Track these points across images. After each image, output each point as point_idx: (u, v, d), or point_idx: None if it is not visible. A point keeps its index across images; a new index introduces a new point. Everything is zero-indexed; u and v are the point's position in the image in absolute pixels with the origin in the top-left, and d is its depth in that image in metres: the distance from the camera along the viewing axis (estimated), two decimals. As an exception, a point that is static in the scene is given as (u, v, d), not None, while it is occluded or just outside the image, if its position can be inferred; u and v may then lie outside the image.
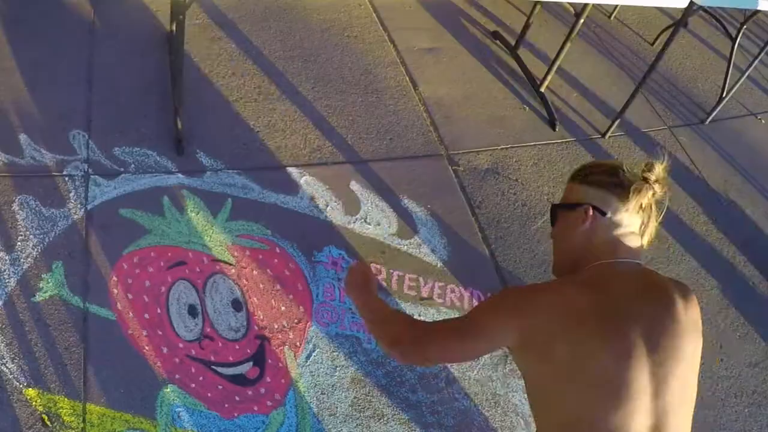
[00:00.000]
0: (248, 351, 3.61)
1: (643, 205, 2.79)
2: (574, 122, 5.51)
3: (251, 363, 3.58)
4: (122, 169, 4.09)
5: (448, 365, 3.83)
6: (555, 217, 3.06)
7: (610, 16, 6.78)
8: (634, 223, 2.82)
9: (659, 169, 2.76)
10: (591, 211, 2.80)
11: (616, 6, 6.71)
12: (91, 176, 4.00)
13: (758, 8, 5.14)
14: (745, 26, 5.85)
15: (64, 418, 3.17)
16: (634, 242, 2.81)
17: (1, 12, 4.72)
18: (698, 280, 4.65)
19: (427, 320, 3.52)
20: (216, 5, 5.31)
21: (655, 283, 2.73)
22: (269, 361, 3.61)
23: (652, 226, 2.86)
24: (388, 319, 3.09)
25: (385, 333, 3.02)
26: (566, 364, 2.49)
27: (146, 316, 3.57)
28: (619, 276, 2.72)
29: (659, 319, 2.58)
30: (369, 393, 3.65)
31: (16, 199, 3.80)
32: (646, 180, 2.75)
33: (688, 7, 4.65)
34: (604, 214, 2.79)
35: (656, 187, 2.76)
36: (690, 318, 2.62)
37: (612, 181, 2.82)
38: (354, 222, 4.26)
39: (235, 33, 5.15)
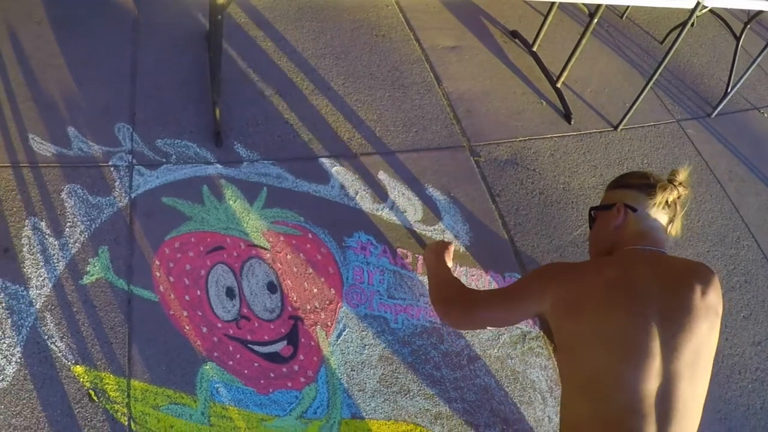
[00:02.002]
0: (282, 330, 3.59)
1: (669, 202, 2.99)
2: (589, 116, 5.46)
3: (285, 342, 3.56)
4: (164, 160, 4.08)
5: (471, 345, 3.80)
6: (593, 218, 3.31)
7: (621, 16, 6.73)
8: (661, 218, 3.03)
9: (683, 174, 3.00)
10: (623, 208, 3.05)
11: (628, 6, 6.68)
12: (135, 166, 3.99)
13: (761, 9, 5.11)
14: (749, 25, 5.81)
15: (110, 393, 3.16)
16: (661, 235, 3.00)
17: (51, 12, 4.72)
18: (705, 264, 4.58)
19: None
20: (253, 5, 5.30)
21: (677, 269, 2.84)
22: (302, 340, 3.59)
23: (678, 222, 3.07)
24: (447, 283, 3.42)
25: (439, 293, 3.39)
26: (589, 325, 2.68)
27: (187, 297, 3.56)
28: (645, 260, 2.87)
29: (675, 300, 2.68)
30: (396, 370, 3.63)
31: (65, 188, 3.79)
32: (671, 182, 2.98)
33: (695, 7, 4.62)
34: (635, 210, 3.03)
35: (680, 188, 3.00)
36: (706, 302, 2.71)
37: (642, 182, 3.07)
38: (382, 209, 4.24)
39: (270, 31, 5.13)
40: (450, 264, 3.81)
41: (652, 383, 2.56)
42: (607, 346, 2.64)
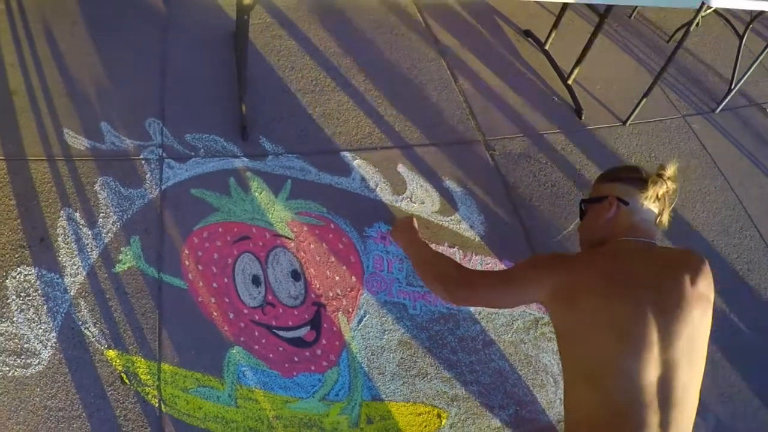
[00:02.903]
0: (306, 316, 3.60)
1: (659, 196, 2.95)
2: (598, 111, 5.44)
3: (309, 327, 3.58)
4: (193, 154, 4.09)
5: (486, 330, 3.80)
6: (584, 211, 3.26)
7: (630, 16, 6.69)
8: (651, 211, 2.98)
9: (671, 169, 2.97)
10: (615, 201, 3.00)
11: (636, 7, 6.64)
12: (165, 160, 4.00)
13: (763, 9, 5.08)
14: (751, 25, 5.78)
15: (141, 376, 3.19)
16: (651, 227, 2.97)
17: (85, 12, 4.73)
18: (709, 253, 4.59)
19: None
20: (277, 6, 5.30)
21: (668, 259, 2.85)
22: (325, 325, 3.60)
23: (666, 215, 3.02)
24: (434, 260, 3.40)
25: (430, 270, 3.32)
26: (589, 316, 2.65)
27: (215, 285, 3.57)
28: (637, 251, 2.86)
29: (667, 290, 2.67)
30: (414, 354, 3.64)
31: (98, 180, 3.81)
32: (660, 176, 2.95)
33: (700, 8, 4.61)
34: (626, 203, 2.98)
35: (669, 183, 2.97)
36: (697, 290, 2.70)
37: (633, 176, 3.04)
38: (401, 201, 4.23)
39: (294, 31, 5.14)
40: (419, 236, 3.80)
41: (651, 373, 2.55)
42: (606, 336, 2.62)
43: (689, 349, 2.61)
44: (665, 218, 3.04)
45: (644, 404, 2.52)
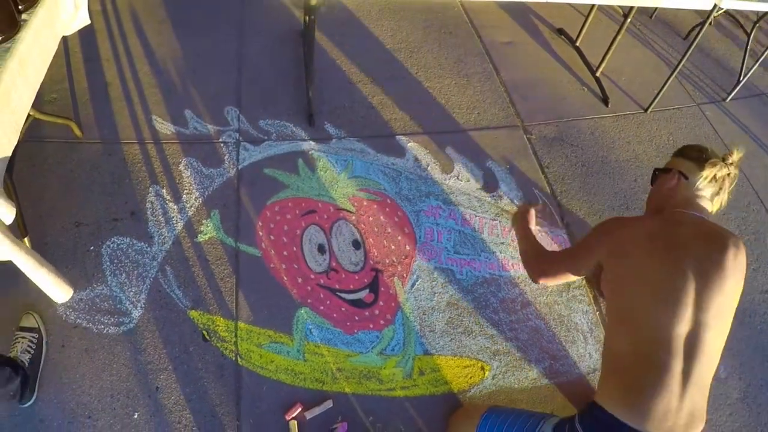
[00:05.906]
0: (365, 281, 3.59)
1: (717, 177, 2.87)
2: (623, 100, 5.35)
3: (368, 290, 3.56)
4: (266, 137, 4.08)
5: (524, 293, 3.77)
6: (655, 176, 3.19)
7: (651, 16, 6.58)
8: (708, 190, 2.92)
9: (736, 155, 2.87)
10: (677, 174, 2.96)
11: (656, 8, 6.53)
12: (241, 143, 4.01)
13: (769, 9, 4.98)
14: (758, 24, 5.67)
15: (220, 333, 3.20)
16: (705, 204, 2.91)
17: (171, 13, 4.82)
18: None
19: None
20: (341, 7, 5.31)
21: (715, 231, 2.76)
22: (382, 288, 3.58)
23: (723, 196, 2.96)
24: (538, 255, 3.38)
25: (534, 267, 3.32)
26: (634, 269, 2.67)
27: (285, 253, 3.55)
28: (687, 221, 2.81)
29: (710, 257, 2.61)
30: (461, 314, 3.60)
31: (183, 161, 3.84)
32: (723, 160, 2.87)
33: (712, 8, 4.51)
34: (686, 178, 2.93)
35: (730, 168, 2.88)
36: (737, 263, 2.63)
37: (698, 155, 2.96)
38: (449, 179, 4.18)
39: (355, 29, 5.14)
40: (532, 225, 3.70)
41: (681, 327, 2.49)
42: (645, 287, 2.60)
43: (719, 313, 2.56)
44: (723, 199, 2.99)
45: (670, 353, 2.48)
